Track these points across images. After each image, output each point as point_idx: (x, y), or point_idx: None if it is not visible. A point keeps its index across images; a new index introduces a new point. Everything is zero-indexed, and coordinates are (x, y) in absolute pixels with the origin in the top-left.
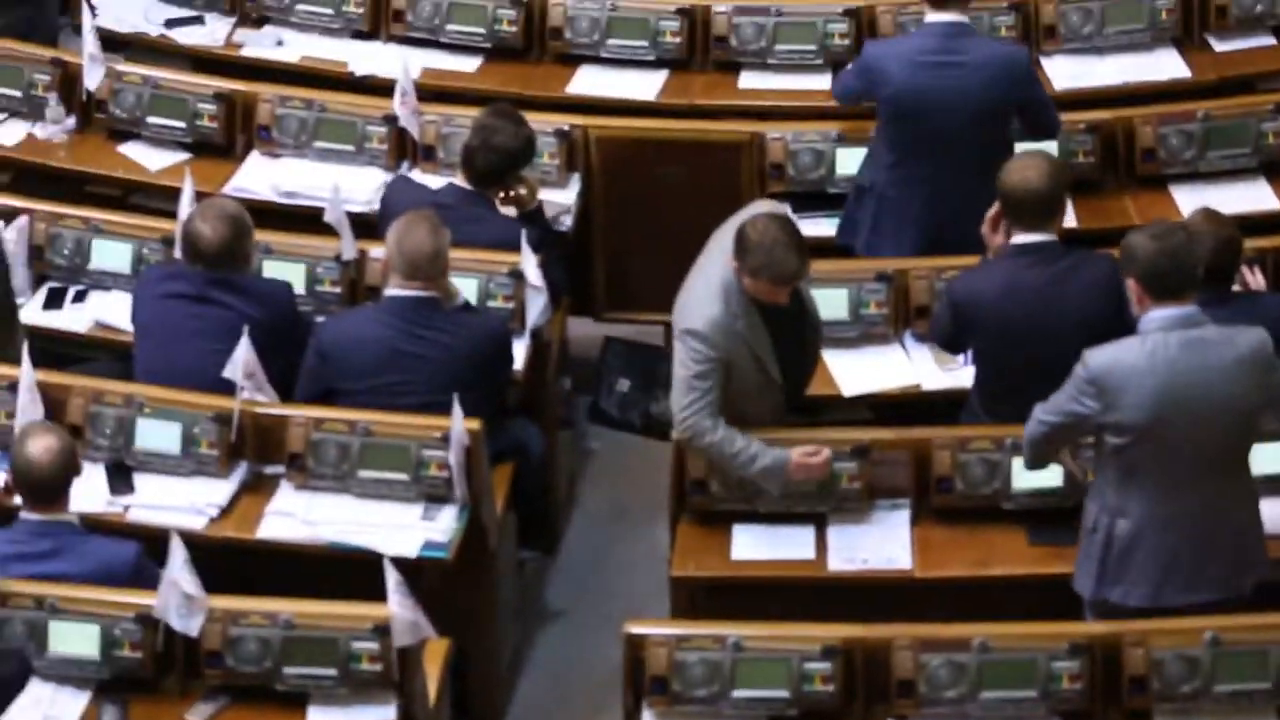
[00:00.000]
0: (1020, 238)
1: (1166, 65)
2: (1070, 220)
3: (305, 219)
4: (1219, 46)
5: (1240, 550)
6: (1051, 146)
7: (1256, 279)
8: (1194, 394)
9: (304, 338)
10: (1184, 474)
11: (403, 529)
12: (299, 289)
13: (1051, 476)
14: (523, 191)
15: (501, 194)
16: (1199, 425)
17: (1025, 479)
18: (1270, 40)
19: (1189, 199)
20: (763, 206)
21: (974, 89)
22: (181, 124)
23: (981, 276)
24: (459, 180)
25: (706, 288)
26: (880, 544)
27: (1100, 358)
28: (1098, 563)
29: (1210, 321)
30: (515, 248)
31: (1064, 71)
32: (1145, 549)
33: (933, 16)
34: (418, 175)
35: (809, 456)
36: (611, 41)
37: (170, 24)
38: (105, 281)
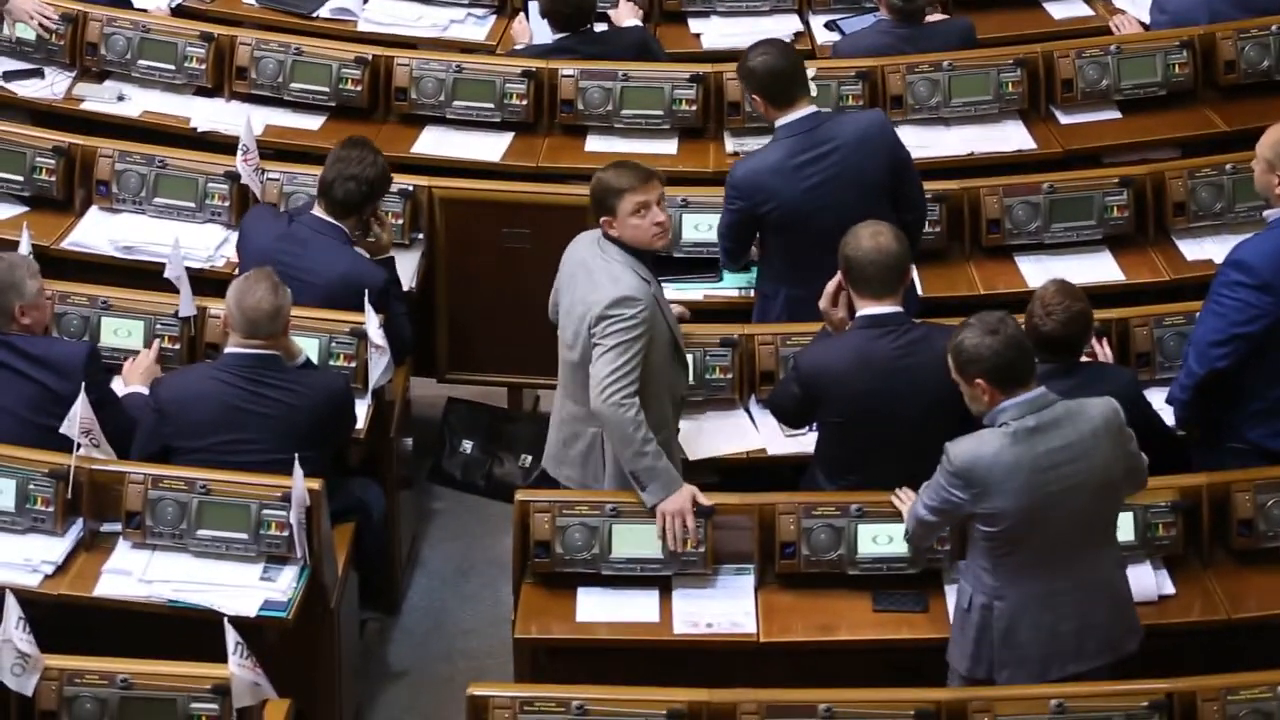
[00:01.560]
0: (867, 309)
1: (1013, 137)
2: (916, 289)
3: (144, 275)
4: (1064, 119)
5: (1119, 614)
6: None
7: (1104, 351)
8: (1060, 473)
9: (106, 396)
10: (1059, 550)
11: (242, 588)
12: (137, 345)
13: (895, 544)
14: (380, 233)
15: (358, 233)
16: (1068, 502)
17: (870, 545)
18: (1115, 114)
19: (1034, 270)
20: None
21: (855, 166)
22: (19, 177)
23: (830, 349)
24: (318, 210)
25: (607, 272)
26: (725, 608)
27: (962, 452)
28: (974, 643)
29: (1059, 399)
30: (368, 282)
31: (911, 141)
32: (1026, 628)
33: (786, 118)
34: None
35: (685, 514)
36: (457, 103)
37: (9, 76)
38: None
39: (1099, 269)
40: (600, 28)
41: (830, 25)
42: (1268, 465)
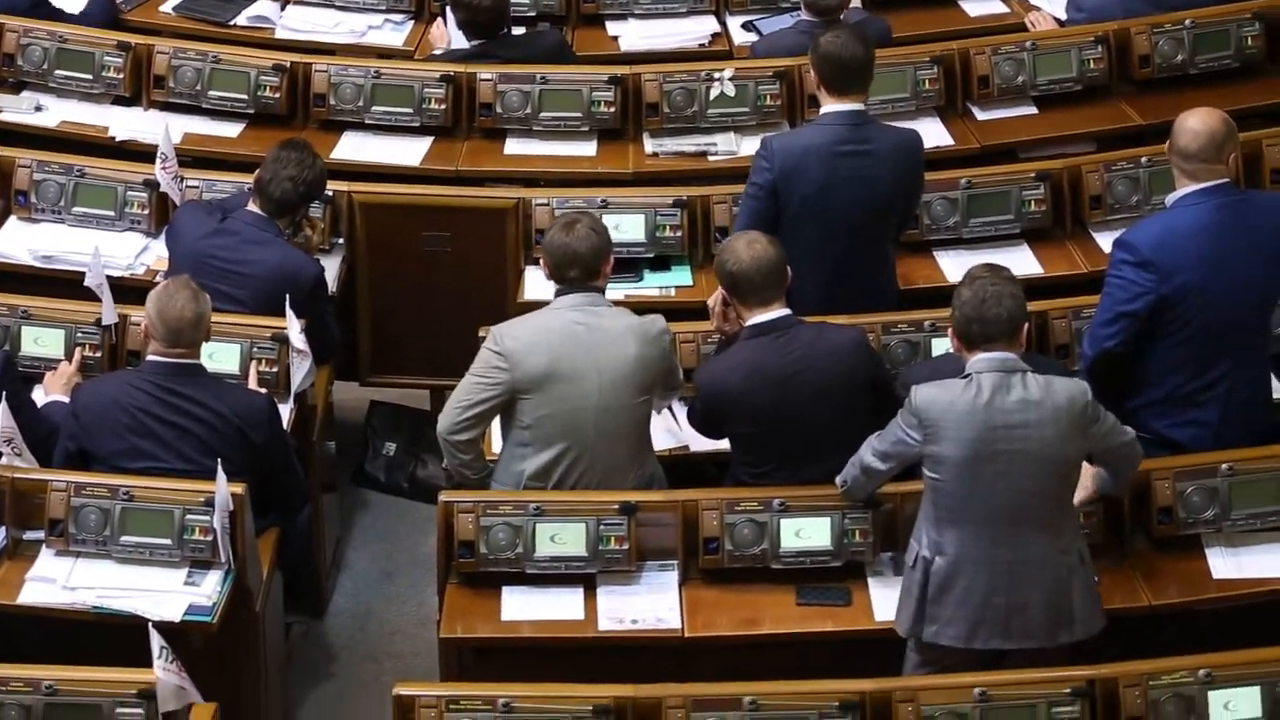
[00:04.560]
0: (754, 318)
1: (930, 134)
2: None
3: (65, 284)
4: (981, 116)
5: (1056, 608)
6: None
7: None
8: (1010, 434)
9: (23, 404)
10: (1000, 519)
11: (166, 593)
12: (58, 354)
13: (820, 537)
14: (311, 235)
15: (288, 233)
16: (1015, 468)
17: (793, 540)
18: (1032, 109)
19: (953, 265)
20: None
21: (887, 175)
22: None
23: (723, 365)
24: (252, 207)
25: (625, 317)
26: (649, 605)
27: (924, 392)
28: (916, 601)
29: (1029, 368)
30: (306, 273)
31: None
32: (959, 588)
33: (835, 106)
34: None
35: None
36: (376, 108)
37: None
38: None
39: (1017, 263)
40: (517, 31)
41: (748, 26)
42: (1168, 453)
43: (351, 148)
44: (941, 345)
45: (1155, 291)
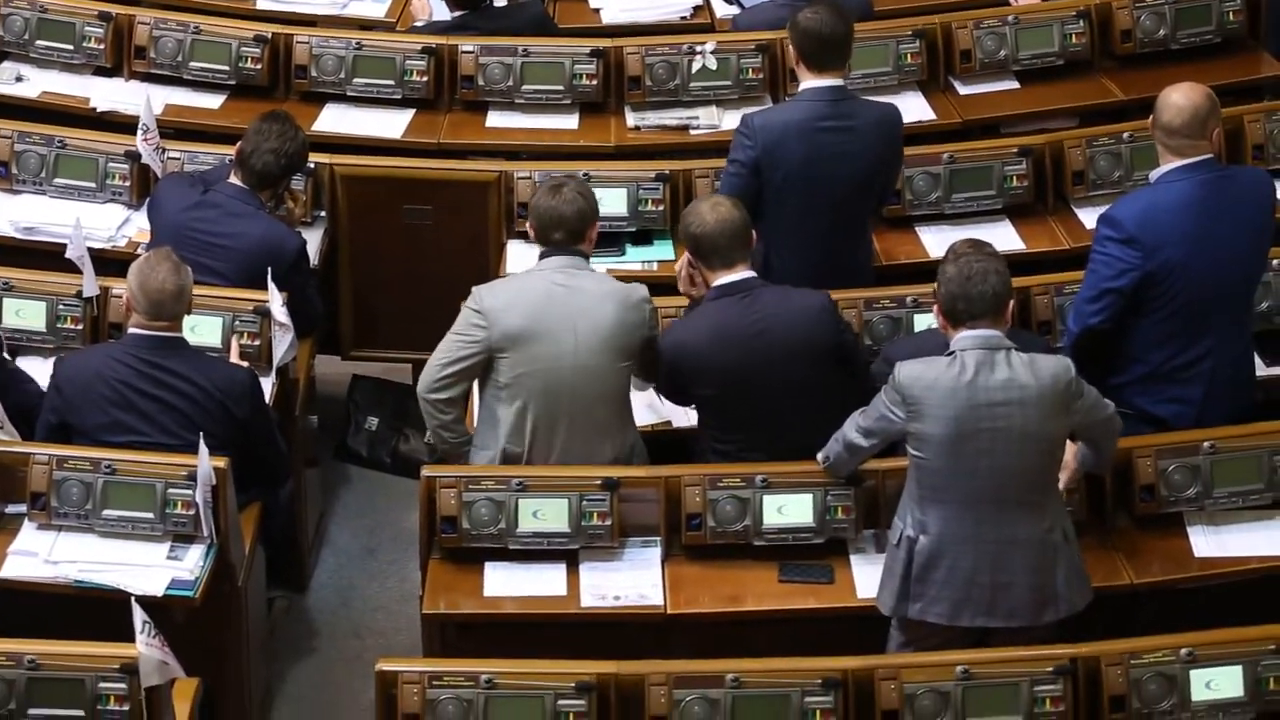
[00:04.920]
0: (719, 279)
1: (912, 108)
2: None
3: (46, 255)
4: (963, 90)
5: (1041, 587)
6: None
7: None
8: (993, 412)
9: (11, 378)
10: (984, 498)
11: (149, 568)
12: (40, 326)
13: (802, 514)
14: (293, 207)
15: (270, 204)
16: (998, 446)
17: (776, 517)
18: (1014, 84)
19: (935, 240)
20: None
21: (867, 149)
22: None
23: (686, 327)
24: (234, 179)
25: (606, 283)
26: (632, 581)
27: (908, 368)
28: (900, 579)
29: (1014, 345)
30: (288, 245)
31: None
32: (944, 567)
33: (815, 82)
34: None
35: None
36: (358, 80)
37: None
38: None
39: (999, 238)
40: (500, 3)
41: None
42: (1152, 429)
43: (333, 120)
44: (923, 321)
45: (1140, 268)
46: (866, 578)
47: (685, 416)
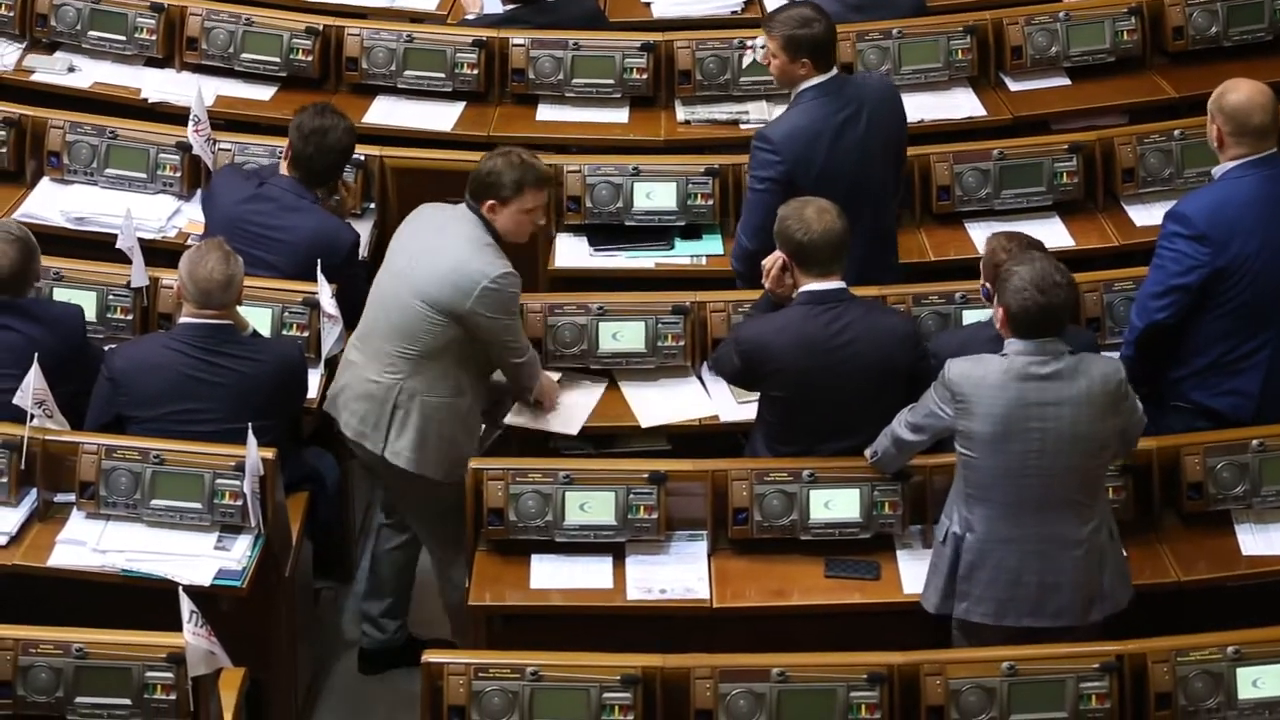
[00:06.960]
0: (811, 285)
1: (962, 104)
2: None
3: (96, 246)
4: (1014, 86)
5: (1087, 586)
6: None
7: None
8: (1042, 413)
9: (94, 364)
10: (1030, 498)
11: (196, 557)
12: (90, 316)
13: (849, 509)
14: (345, 197)
15: (323, 195)
16: (1046, 447)
17: (822, 511)
18: (1064, 80)
19: (984, 236)
20: None
21: (881, 124)
22: None
23: (770, 326)
24: (285, 170)
25: (472, 247)
26: (678, 574)
27: (959, 366)
28: (945, 577)
29: (1067, 349)
30: (342, 238)
31: None
32: (990, 566)
33: (816, 79)
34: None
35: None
36: (409, 73)
37: None
38: None
39: (1049, 235)
40: None
41: None
42: (1209, 423)
43: (383, 112)
44: (972, 317)
45: (1210, 265)
46: (913, 574)
47: (734, 411)
